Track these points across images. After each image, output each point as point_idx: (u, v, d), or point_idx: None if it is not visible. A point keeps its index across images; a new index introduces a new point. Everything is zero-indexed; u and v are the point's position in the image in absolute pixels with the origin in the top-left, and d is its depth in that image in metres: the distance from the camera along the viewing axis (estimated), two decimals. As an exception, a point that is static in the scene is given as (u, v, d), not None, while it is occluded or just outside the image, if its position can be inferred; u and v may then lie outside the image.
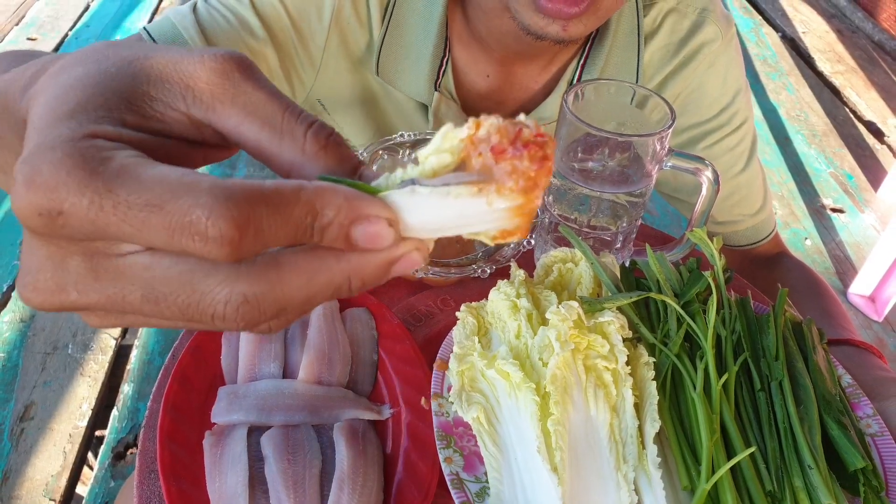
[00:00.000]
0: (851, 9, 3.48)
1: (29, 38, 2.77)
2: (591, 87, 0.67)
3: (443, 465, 0.52)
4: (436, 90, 0.79)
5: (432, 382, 0.58)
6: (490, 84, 0.82)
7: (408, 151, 0.73)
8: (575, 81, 0.82)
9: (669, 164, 0.65)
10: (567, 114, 0.63)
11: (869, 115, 2.76)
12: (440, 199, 0.25)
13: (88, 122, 0.25)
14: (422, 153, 0.26)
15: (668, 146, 0.64)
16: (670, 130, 0.62)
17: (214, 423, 0.55)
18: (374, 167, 0.72)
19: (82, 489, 1.39)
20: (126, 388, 1.53)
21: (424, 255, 0.27)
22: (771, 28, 3.34)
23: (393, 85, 0.80)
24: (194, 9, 0.72)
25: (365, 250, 0.25)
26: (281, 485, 0.48)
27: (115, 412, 1.48)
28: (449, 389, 0.56)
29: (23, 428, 1.44)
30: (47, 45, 2.75)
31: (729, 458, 0.51)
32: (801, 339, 0.63)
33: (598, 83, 0.68)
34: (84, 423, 1.45)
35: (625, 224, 0.67)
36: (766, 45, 3.17)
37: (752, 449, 0.52)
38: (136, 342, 1.64)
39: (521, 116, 0.25)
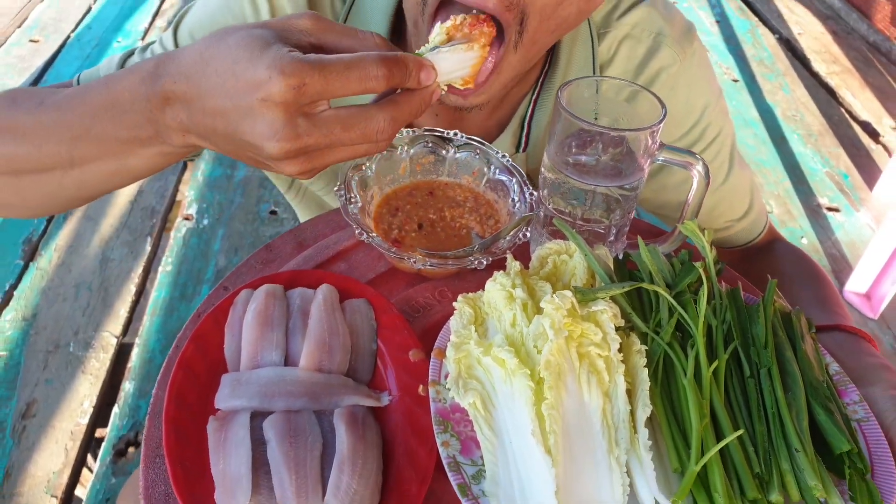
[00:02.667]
0: (846, 10, 3.50)
1: (31, 40, 2.80)
2: (584, 83, 0.69)
3: (440, 449, 0.53)
4: None
5: (430, 370, 0.60)
6: (439, 123, 0.82)
7: (409, 131, 0.75)
8: (528, 118, 0.82)
9: (661, 157, 0.66)
10: (561, 110, 0.64)
11: (864, 116, 2.78)
12: (451, 52, 0.54)
13: (280, 47, 0.46)
14: (430, 37, 0.56)
15: (659, 140, 0.65)
16: (661, 125, 0.63)
17: (218, 410, 0.56)
18: (374, 163, 0.73)
19: (83, 487, 1.40)
20: (127, 386, 1.55)
21: (440, 91, 0.53)
22: (767, 29, 3.37)
23: None
24: (124, 62, 0.79)
25: (424, 86, 0.51)
26: (283, 467, 0.50)
27: (116, 409, 1.50)
28: (446, 377, 0.58)
29: (25, 425, 1.46)
30: (50, 47, 2.78)
31: (718, 441, 0.52)
32: (790, 328, 0.64)
33: (590, 79, 0.69)
34: (85, 420, 1.47)
35: (618, 217, 0.69)
36: (762, 46, 3.20)
37: (741, 431, 0.53)
38: (137, 340, 1.66)
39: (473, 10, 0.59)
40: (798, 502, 0.52)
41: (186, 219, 2.02)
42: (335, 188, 0.68)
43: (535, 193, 0.72)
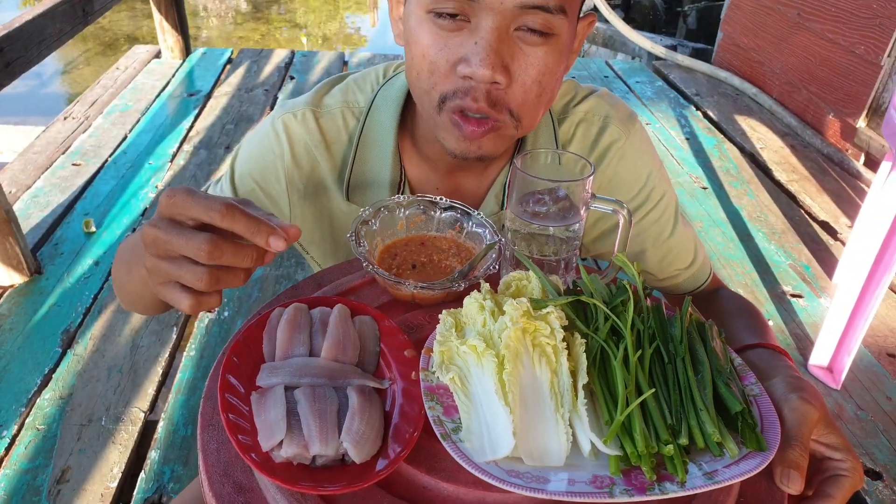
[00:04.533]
0: (802, 128, 3.84)
1: (74, 164, 3.12)
2: (533, 154, 0.91)
3: (427, 411, 0.68)
4: None
5: (421, 362, 0.76)
6: (440, 194, 1.04)
7: (405, 196, 0.97)
8: (508, 183, 1.02)
9: (594, 205, 0.88)
10: (518, 172, 0.87)
11: (823, 216, 3.00)
12: None
13: (185, 187, 0.63)
14: None
15: (591, 192, 0.87)
16: (591, 178, 0.85)
17: (259, 387, 0.74)
18: (378, 220, 0.95)
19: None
20: (153, 455, 1.67)
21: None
22: (732, 144, 3.69)
23: (361, 206, 1.04)
24: None
25: (273, 250, 0.64)
26: (309, 415, 0.67)
27: (142, 475, 1.61)
28: (433, 366, 0.76)
29: (59, 489, 1.57)
30: (90, 169, 3.09)
31: (641, 407, 0.69)
32: (703, 333, 0.82)
33: (539, 152, 0.92)
34: (114, 484, 1.58)
35: (564, 252, 0.89)
36: (728, 158, 3.50)
37: (654, 389, 0.69)
38: (163, 415, 1.80)
39: None
40: (702, 448, 0.68)
41: (209, 311, 2.22)
42: (347, 235, 0.89)
43: (503, 239, 0.93)
